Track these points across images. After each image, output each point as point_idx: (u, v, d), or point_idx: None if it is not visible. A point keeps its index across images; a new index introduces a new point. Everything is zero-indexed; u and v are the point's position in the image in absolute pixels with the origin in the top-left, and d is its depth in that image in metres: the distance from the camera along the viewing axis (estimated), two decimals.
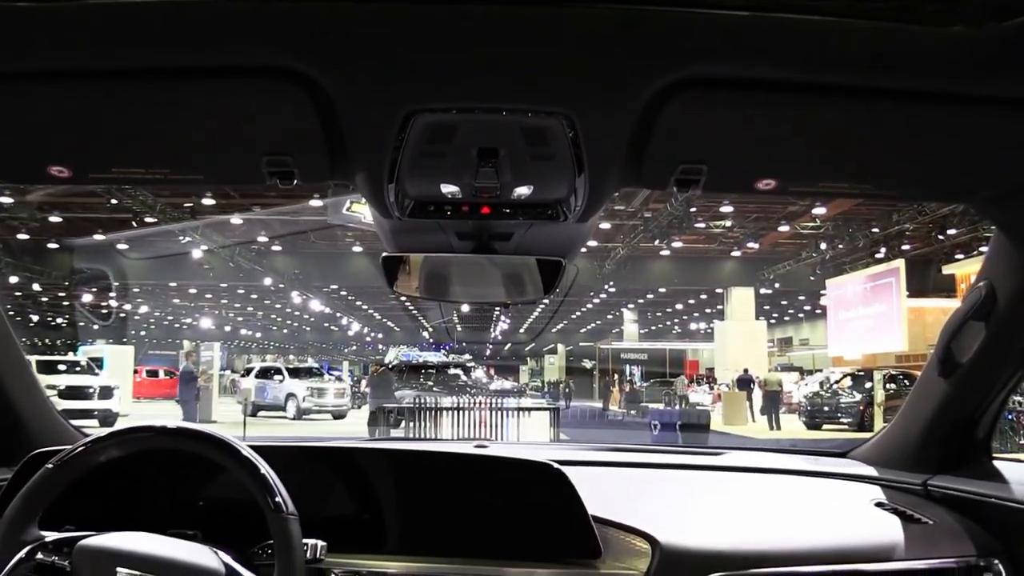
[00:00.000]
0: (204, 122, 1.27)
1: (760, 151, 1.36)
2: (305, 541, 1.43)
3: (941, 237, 23.04)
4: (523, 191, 1.38)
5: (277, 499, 1.40)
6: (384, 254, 1.67)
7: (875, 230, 24.10)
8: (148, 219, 22.67)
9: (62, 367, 20.54)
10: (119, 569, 1.35)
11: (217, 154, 1.39)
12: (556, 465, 1.78)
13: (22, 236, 24.60)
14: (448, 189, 1.38)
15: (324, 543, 1.48)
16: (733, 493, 2.15)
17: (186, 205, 22.91)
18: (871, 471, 2.24)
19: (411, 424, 14.89)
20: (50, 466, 1.42)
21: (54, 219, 23.50)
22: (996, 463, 2.05)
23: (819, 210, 23.08)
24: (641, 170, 1.34)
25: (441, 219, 1.48)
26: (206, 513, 1.73)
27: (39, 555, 1.40)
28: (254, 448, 1.48)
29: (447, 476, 1.86)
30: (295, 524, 1.40)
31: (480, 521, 1.81)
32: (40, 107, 1.23)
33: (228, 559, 1.41)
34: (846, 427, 19.99)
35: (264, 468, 1.43)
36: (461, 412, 15.34)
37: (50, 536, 1.42)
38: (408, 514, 1.82)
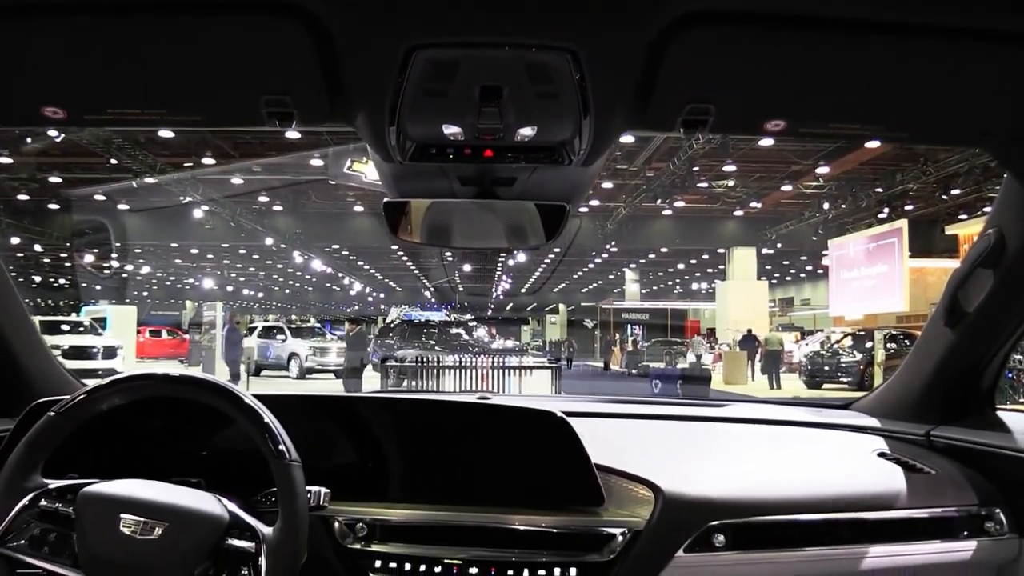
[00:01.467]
0: (201, 60, 1.24)
1: (769, 90, 1.33)
2: (308, 488, 1.43)
3: (945, 197, 22.91)
4: (527, 132, 1.36)
5: (280, 446, 1.40)
6: (386, 200, 1.65)
7: (878, 190, 23.96)
8: (149, 180, 22.59)
9: (65, 327, 20.57)
10: (123, 515, 1.35)
11: (215, 93, 1.36)
12: (559, 413, 1.78)
13: (23, 197, 24.56)
14: (450, 130, 1.35)
15: (327, 490, 1.48)
16: (736, 443, 2.16)
17: (186, 165, 22.79)
18: (874, 422, 2.24)
19: (413, 383, 14.97)
20: (52, 414, 1.42)
21: (54, 179, 23.40)
22: (999, 413, 2.05)
23: (822, 169, 22.95)
24: (647, 111, 1.32)
25: (443, 163, 1.46)
26: (209, 463, 1.73)
27: (43, 502, 1.40)
28: (257, 398, 1.47)
29: (450, 425, 1.87)
30: (298, 471, 1.41)
31: (483, 469, 1.81)
32: (33, 44, 1.20)
33: (232, 506, 1.41)
34: (846, 386, 20.07)
35: (268, 416, 1.42)
36: (463, 370, 15.42)
37: (54, 484, 1.42)
38: (411, 463, 1.83)
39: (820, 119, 1.44)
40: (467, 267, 40.33)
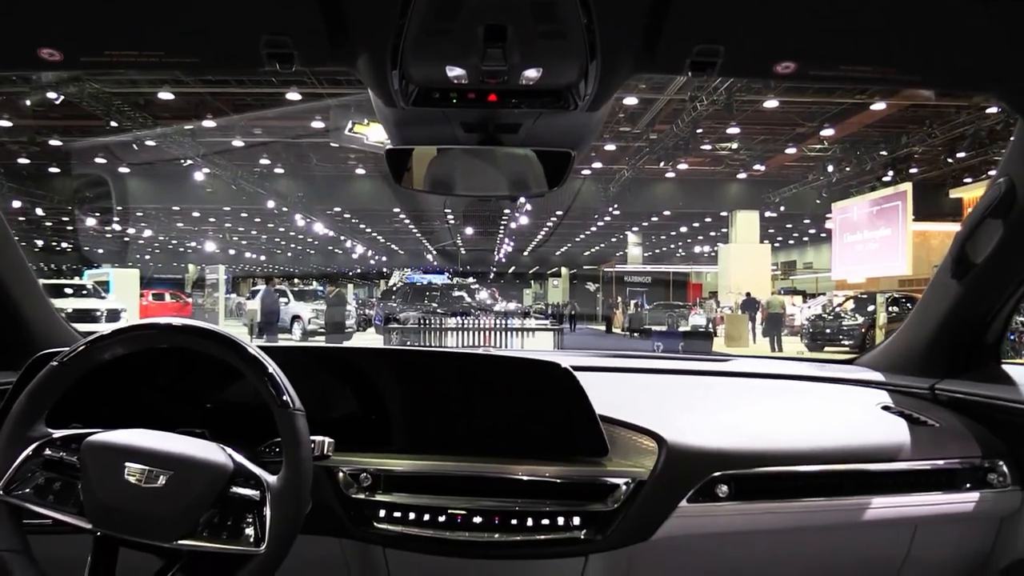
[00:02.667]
0: None
1: (779, 30, 1.30)
2: (312, 438, 1.43)
3: (950, 160, 22.77)
4: (532, 75, 1.33)
5: (284, 396, 1.39)
6: (388, 147, 1.62)
7: (883, 153, 23.81)
8: (149, 142, 22.48)
9: (69, 291, 20.62)
10: (127, 464, 1.35)
11: (213, 34, 1.33)
12: (564, 364, 1.77)
13: (23, 160, 24.49)
14: (454, 73, 1.32)
15: (331, 440, 1.47)
16: (739, 396, 2.16)
17: (187, 128, 22.67)
18: (878, 376, 2.24)
19: (416, 345, 15.06)
20: (55, 364, 1.41)
21: (54, 142, 23.29)
22: (1004, 367, 2.05)
23: (827, 132, 22.80)
24: (655, 52, 1.29)
25: (447, 107, 1.43)
26: (214, 415, 1.74)
27: (47, 451, 1.40)
28: (261, 349, 1.46)
29: (454, 376, 1.86)
30: (302, 420, 1.40)
31: (487, 420, 1.81)
32: None
33: (236, 455, 1.41)
34: (847, 349, 20.11)
35: (272, 366, 1.41)
36: (465, 332, 15.53)
37: (58, 433, 1.42)
38: (415, 414, 1.82)
39: (831, 61, 1.41)
40: (469, 230, 40.25)
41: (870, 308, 20.36)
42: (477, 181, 1.74)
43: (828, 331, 21.36)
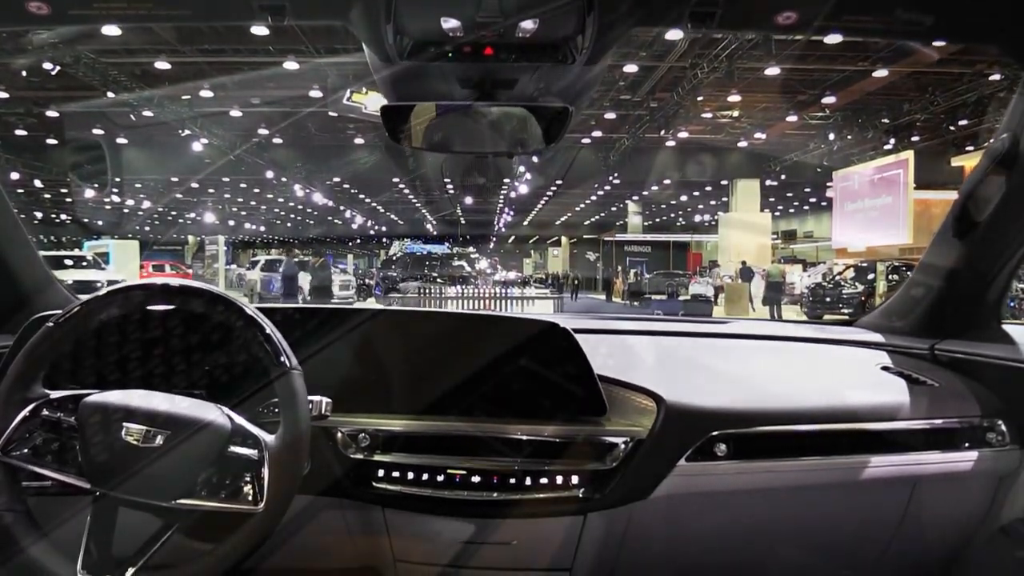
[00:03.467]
0: None
1: None
2: (311, 398, 1.43)
3: (952, 128, 22.62)
4: (528, 27, 1.31)
5: (281, 356, 1.39)
6: (383, 104, 1.60)
7: (885, 121, 23.65)
8: (146, 112, 22.33)
9: (68, 262, 20.57)
10: (125, 424, 1.35)
11: None
12: (562, 324, 1.77)
13: (20, 132, 24.35)
14: (449, 25, 1.30)
15: (329, 400, 1.47)
16: (739, 358, 2.16)
17: (184, 97, 22.51)
18: (878, 337, 2.24)
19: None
20: (50, 324, 1.41)
21: (51, 114, 23.13)
22: (1005, 327, 2.04)
23: (828, 99, 22.63)
24: (653, 3, 1.27)
25: (442, 61, 1.41)
26: (213, 377, 1.73)
27: (45, 412, 1.40)
28: (259, 310, 1.46)
29: (453, 336, 1.86)
30: (299, 379, 1.40)
31: (487, 380, 1.81)
32: None
33: (234, 415, 1.41)
34: (847, 317, 20.07)
35: (269, 326, 1.41)
36: (465, 301, 15.59)
37: (55, 394, 1.41)
38: (415, 374, 1.82)
39: (833, 11, 1.39)
40: (469, 199, 40.12)
41: (870, 276, 20.36)
42: (474, 138, 1.71)
43: (828, 299, 21.36)
